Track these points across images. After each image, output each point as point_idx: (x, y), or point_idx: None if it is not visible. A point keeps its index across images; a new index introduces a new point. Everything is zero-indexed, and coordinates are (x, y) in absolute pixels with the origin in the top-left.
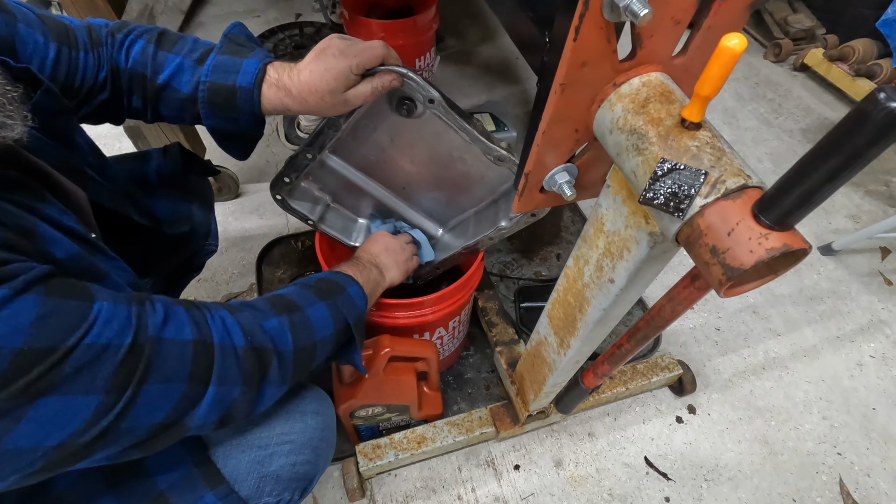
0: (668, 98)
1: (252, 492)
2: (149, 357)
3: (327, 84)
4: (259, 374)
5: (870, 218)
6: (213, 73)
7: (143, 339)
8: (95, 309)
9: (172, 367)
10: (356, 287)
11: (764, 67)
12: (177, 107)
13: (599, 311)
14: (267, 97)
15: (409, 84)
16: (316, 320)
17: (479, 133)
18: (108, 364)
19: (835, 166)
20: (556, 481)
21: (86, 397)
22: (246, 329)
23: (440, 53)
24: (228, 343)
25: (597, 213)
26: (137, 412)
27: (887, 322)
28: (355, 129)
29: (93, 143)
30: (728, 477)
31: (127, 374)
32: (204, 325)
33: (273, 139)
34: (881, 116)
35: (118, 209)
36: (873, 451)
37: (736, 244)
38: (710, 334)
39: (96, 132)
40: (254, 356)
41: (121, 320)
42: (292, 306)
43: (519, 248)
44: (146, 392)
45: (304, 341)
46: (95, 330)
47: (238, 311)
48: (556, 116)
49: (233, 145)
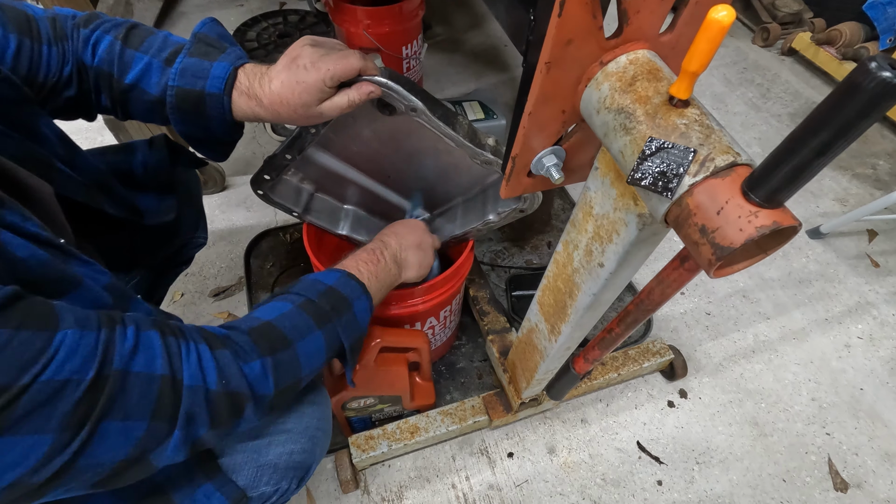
0: (655, 76)
1: (249, 481)
2: (111, 391)
3: (299, 97)
4: (230, 417)
5: (857, 201)
6: (181, 78)
7: (107, 372)
8: (58, 339)
9: (135, 402)
10: (364, 302)
11: (752, 52)
12: (146, 108)
13: (590, 297)
14: (237, 105)
15: (390, 94)
16: (306, 356)
17: (466, 136)
18: (65, 401)
19: (825, 140)
20: (549, 468)
21: (38, 437)
22: (223, 371)
23: (427, 41)
24: (200, 385)
25: (585, 196)
26: (96, 450)
27: (874, 303)
28: (336, 126)
29: (61, 132)
30: (719, 459)
31: (85, 411)
32: (177, 359)
33: (259, 130)
34: (872, 86)
35: (90, 203)
36: (861, 430)
37: (725, 223)
38: (701, 319)
39: (77, 125)
40: (227, 401)
41: (85, 351)
42: (281, 343)
43: (510, 236)
44: (105, 429)
45: (287, 381)
46: (55, 365)
47: (220, 346)
48: (542, 97)
49: (208, 150)
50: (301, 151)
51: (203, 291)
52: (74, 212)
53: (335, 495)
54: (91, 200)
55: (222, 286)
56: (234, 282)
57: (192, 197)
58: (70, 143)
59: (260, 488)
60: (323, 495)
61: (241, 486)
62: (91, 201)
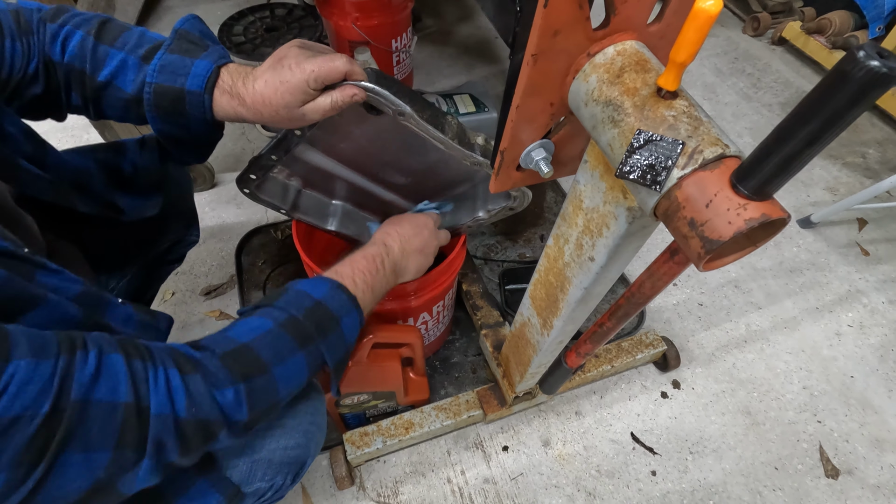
0: (643, 67)
1: (244, 477)
2: (69, 423)
3: (282, 98)
4: (202, 443)
5: (847, 190)
6: (160, 75)
7: (64, 404)
8: (9, 372)
9: (97, 433)
10: (354, 317)
11: (743, 41)
12: (121, 107)
13: (581, 290)
14: (219, 104)
15: (376, 99)
16: (284, 380)
17: (455, 137)
18: (17, 438)
19: (814, 130)
20: (544, 460)
21: None
22: (193, 398)
23: (417, 34)
24: (168, 413)
25: (575, 189)
26: (56, 484)
27: (864, 291)
28: (323, 122)
29: (28, 129)
30: (712, 448)
31: (41, 447)
32: (143, 385)
33: (248, 127)
34: (861, 75)
35: (59, 202)
36: (851, 417)
37: (714, 216)
38: (693, 310)
39: (61, 124)
40: (197, 428)
41: (40, 383)
42: (256, 368)
43: (502, 230)
44: (64, 462)
45: (262, 406)
46: (5, 400)
47: (191, 370)
48: (529, 89)
49: (186, 150)
50: (287, 152)
51: (194, 290)
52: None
53: (331, 492)
54: (60, 199)
55: (213, 284)
56: (225, 280)
57: (184, 195)
58: (38, 140)
59: (255, 484)
60: (318, 492)
61: (235, 482)
62: (60, 200)
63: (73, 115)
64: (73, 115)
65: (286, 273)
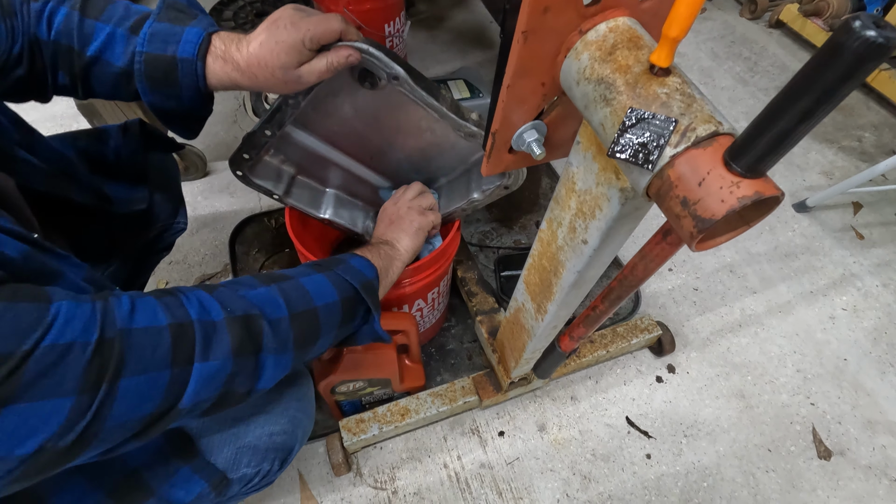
0: (636, 44)
1: (229, 463)
2: (121, 351)
3: (278, 58)
4: (250, 342)
5: (843, 174)
6: (150, 43)
7: (111, 334)
8: (53, 309)
9: (150, 356)
10: (360, 259)
11: (739, 25)
12: (110, 82)
13: (574, 274)
14: (212, 71)
15: (370, 61)
16: (312, 287)
17: (449, 109)
18: (74, 364)
19: (808, 104)
20: (540, 445)
21: (55, 401)
22: (225, 303)
23: (411, 18)
24: (208, 319)
25: (568, 172)
26: (120, 409)
27: (858, 275)
28: (316, 102)
29: (17, 117)
30: (707, 432)
31: (98, 373)
32: (178, 307)
33: (241, 114)
34: (856, 46)
35: (55, 192)
36: (844, 399)
37: (707, 194)
38: (689, 295)
39: (49, 113)
40: (239, 325)
41: (84, 318)
42: (281, 277)
43: (498, 217)
44: (125, 387)
45: (301, 307)
46: (55, 330)
47: (216, 289)
48: (520, 68)
49: (178, 124)
50: (281, 126)
51: (188, 280)
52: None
53: (328, 478)
54: (55, 189)
55: (207, 273)
56: (219, 269)
57: (170, 182)
58: (27, 127)
59: (241, 470)
60: (315, 479)
61: (220, 468)
62: (55, 190)
63: (60, 96)
64: (61, 104)
65: (280, 262)
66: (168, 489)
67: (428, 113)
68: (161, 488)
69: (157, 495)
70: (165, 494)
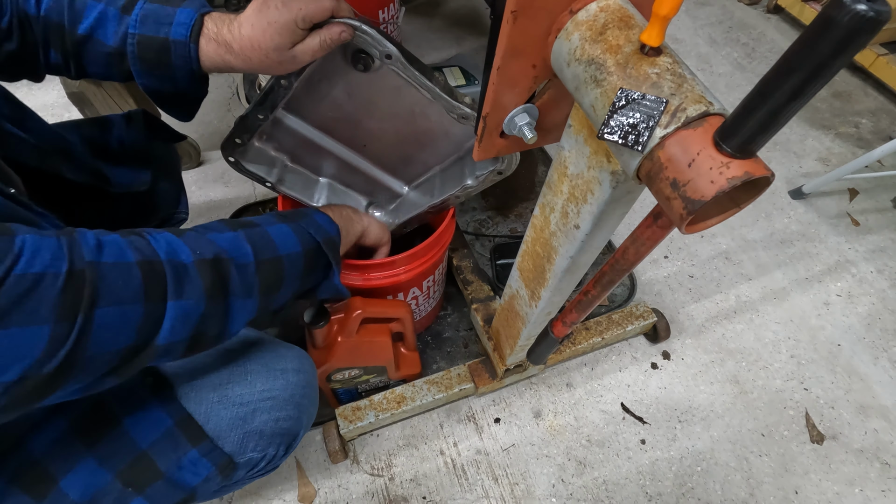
0: (626, 23)
1: (236, 447)
2: (93, 281)
3: (271, 40)
4: (219, 284)
5: (840, 160)
6: (142, 25)
7: (80, 265)
8: (18, 241)
9: (122, 288)
10: (323, 215)
11: (738, 10)
12: (103, 62)
13: (567, 260)
14: (206, 53)
15: (363, 38)
16: (277, 237)
17: (442, 90)
18: (48, 292)
19: (798, 82)
20: (535, 431)
21: (34, 328)
22: (193, 246)
23: (405, 5)
24: (178, 260)
25: (560, 156)
26: (98, 338)
27: (853, 261)
28: (309, 86)
29: (6, 92)
30: (701, 417)
31: (73, 301)
32: (146, 247)
33: (234, 103)
34: (846, 20)
35: (45, 167)
36: (837, 384)
37: (697, 175)
38: (684, 282)
39: (41, 102)
40: (208, 267)
41: (51, 250)
42: (249, 223)
43: (494, 205)
44: (101, 316)
45: (266, 254)
46: (23, 261)
47: (184, 233)
48: (510, 49)
49: (174, 107)
50: (273, 108)
51: None
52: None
53: (325, 465)
54: (46, 165)
55: None
56: None
57: (172, 172)
58: (16, 102)
59: (247, 454)
60: (313, 466)
61: (227, 452)
62: (46, 166)
63: (53, 74)
64: (52, 92)
65: None
66: (176, 471)
67: (421, 94)
68: (170, 471)
69: (165, 477)
70: (173, 476)
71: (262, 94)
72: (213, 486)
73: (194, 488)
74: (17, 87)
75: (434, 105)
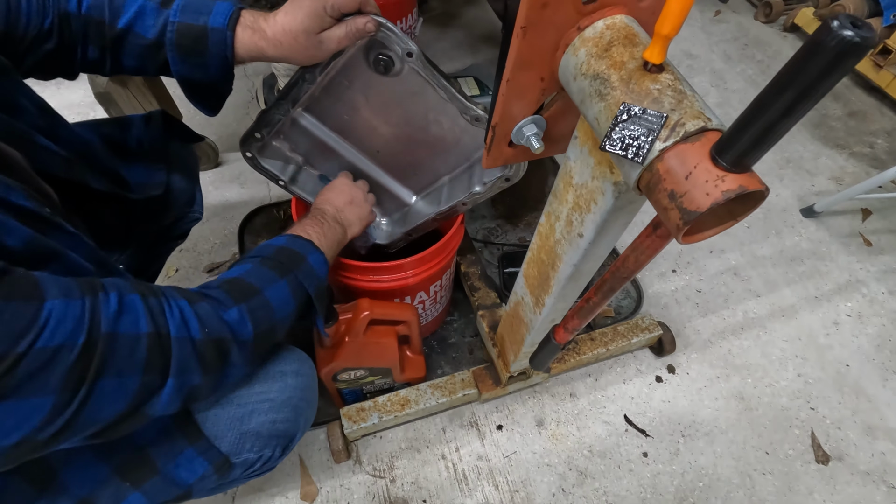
0: (631, 41)
1: (232, 447)
2: (102, 353)
3: (301, 23)
4: (219, 362)
5: (853, 179)
6: (183, 14)
7: (96, 336)
8: (46, 310)
9: (126, 360)
10: (317, 255)
11: (754, 28)
12: (140, 54)
13: (571, 267)
14: (241, 40)
15: (386, 34)
16: (276, 302)
17: (457, 92)
18: (61, 365)
19: (789, 100)
20: (537, 440)
21: (39, 399)
22: (204, 321)
23: (423, 15)
24: (186, 336)
25: (566, 166)
26: (94, 407)
27: (864, 281)
28: (329, 87)
29: (42, 102)
30: (704, 432)
31: (81, 373)
32: (160, 316)
33: (253, 106)
34: (833, 45)
35: (72, 177)
36: (845, 404)
37: (693, 187)
38: (692, 296)
39: (67, 101)
40: (213, 347)
41: (73, 319)
42: (251, 291)
43: (504, 213)
44: (101, 387)
45: (264, 325)
46: (47, 333)
47: (197, 301)
48: (519, 62)
49: (202, 97)
50: (295, 103)
51: (197, 267)
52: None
53: (328, 464)
54: (72, 175)
55: (216, 262)
56: (228, 258)
57: (188, 171)
58: (52, 113)
59: (243, 455)
60: (316, 464)
61: (223, 452)
62: (72, 175)
63: (86, 72)
64: (79, 92)
65: None
66: (173, 468)
67: (437, 95)
68: (166, 467)
69: (161, 473)
70: (170, 473)
71: (287, 87)
72: (209, 484)
73: (190, 485)
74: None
75: (449, 108)
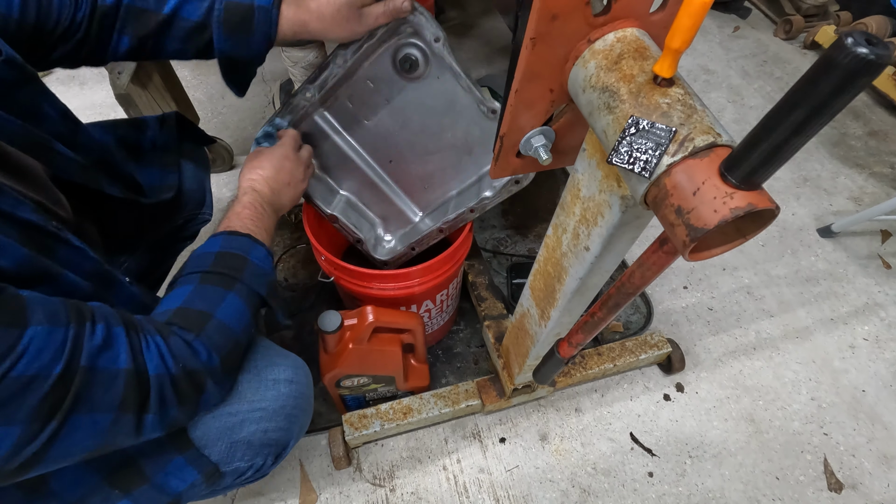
0: (642, 54)
1: (222, 456)
2: (78, 387)
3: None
4: (196, 394)
5: (872, 200)
6: None
7: (74, 368)
8: (27, 337)
9: (101, 397)
10: (259, 250)
11: (773, 44)
12: (183, 38)
13: (576, 281)
14: (285, 16)
15: (420, 18)
16: (231, 319)
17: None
18: (33, 395)
19: (801, 118)
20: (540, 454)
21: (7, 428)
22: (177, 356)
23: (440, 25)
24: (164, 372)
25: (573, 178)
26: (65, 441)
27: (883, 305)
28: (353, 88)
29: (65, 109)
30: (712, 454)
31: (53, 405)
32: (139, 354)
33: (269, 111)
34: (846, 62)
35: (88, 184)
36: (860, 431)
37: (701, 203)
38: (703, 314)
39: (90, 101)
40: (187, 380)
41: (54, 349)
42: (202, 319)
43: (513, 224)
44: (73, 422)
45: (227, 346)
46: (24, 361)
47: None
48: (528, 73)
49: (236, 76)
50: (322, 89)
51: None
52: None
53: (328, 471)
54: (89, 181)
55: None
56: None
57: (199, 173)
58: (72, 119)
59: (233, 464)
60: (316, 470)
61: (213, 461)
62: (89, 182)
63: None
64: (100, 92)
65: (297, 255)
66: (163, 477)
67: (456, 85)
68: (156, 476)
69: (151, 482)
70: (159, 482)
71: (316, 71)
72: (199, 492)
73: (180, 493)
74: (69, 87)
75: (467, 101)
